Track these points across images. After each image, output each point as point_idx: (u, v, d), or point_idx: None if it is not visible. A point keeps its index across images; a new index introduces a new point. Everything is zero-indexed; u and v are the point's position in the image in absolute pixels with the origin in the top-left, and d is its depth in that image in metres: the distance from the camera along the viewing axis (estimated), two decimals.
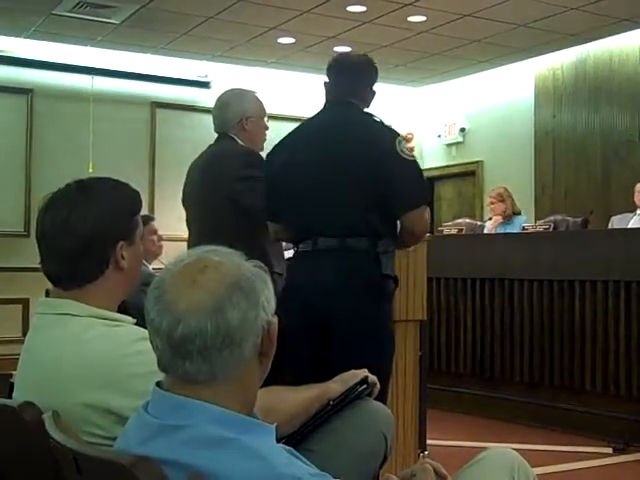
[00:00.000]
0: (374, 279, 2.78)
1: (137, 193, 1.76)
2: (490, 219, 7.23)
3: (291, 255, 3.05)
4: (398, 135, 2.85)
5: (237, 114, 3.39)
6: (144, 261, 3.76)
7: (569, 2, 6.84)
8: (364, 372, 1.94)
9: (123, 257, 1.67)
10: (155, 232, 5.04)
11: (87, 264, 1.64)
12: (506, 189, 7.00)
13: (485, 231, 6.83)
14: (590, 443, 4.66)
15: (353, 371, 1.95)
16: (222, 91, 3.59)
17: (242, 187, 3.20)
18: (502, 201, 6.87)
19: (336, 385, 1.89)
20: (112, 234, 1.66)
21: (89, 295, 1.64)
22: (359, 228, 2.75)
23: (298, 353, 2.75)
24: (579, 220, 6.31)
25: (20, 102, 7.97)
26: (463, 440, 4.70)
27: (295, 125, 3.10)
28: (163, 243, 5.16)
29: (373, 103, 3.06)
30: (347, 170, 2.76)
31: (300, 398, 1.83)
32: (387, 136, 2.83)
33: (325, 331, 2.74)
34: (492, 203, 6.93)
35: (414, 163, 2.85)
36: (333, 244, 2.75)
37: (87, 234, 1.62)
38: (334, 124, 2.89)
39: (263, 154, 3.36)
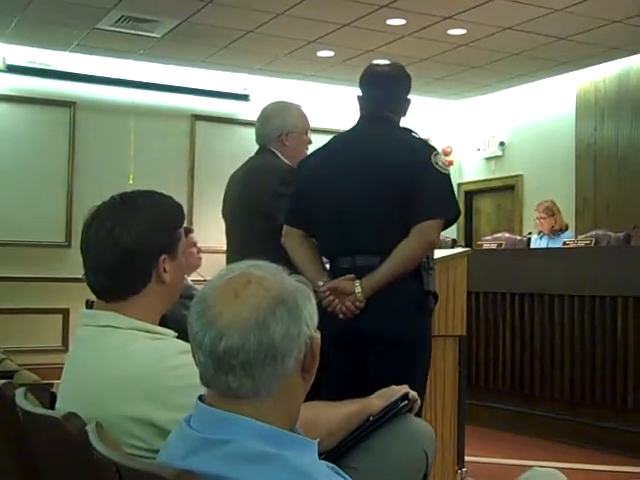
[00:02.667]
0: (416, 296, 2.75)
1: (180, 206, 1.77)
2: (530, 234, 7.15)
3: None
4: (435, 149, 2.81)
5: (278, 129, 3.36)
6: None
7: (611, 15, 6.77)
8: (405, 388, 1.92)
9: (165, 270, 1.67)
10: (194, 244, 5.06)
11: (130, 277, 1.65)
12: (554, 202, 6.88)
13: (533, 245, 6.74)
14: (632, 463, 4.57)
15: (394, 387, 1.94)
16: (261, 104, 3.57)
17: (279, 205, 3.18)
18: (552, 216, 6.77)
19: (377, 400, 1.88)
20: (155, 247, 1.66)
21: (131, 308, 1.65)
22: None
23: (337, 369, 2.74)
24: (621, 235, 6.22)
25: (63, 115, 8.10)
26: (502, 457, 4.64)
27: None
28: (202, 255, 5.18)
29: (413, 115, 3.02)
30: (385, 187, 2.72)
31: (340, 413, 1.82)
32: (424, 151, 2.78)
33: (364, 348, 2.72)
34: (542, 218, 6.79)
35: (446, 177, 2.79)
36: (372, 262, 2.71)
37: (130, 247, 1.63)
38: (371, 140, 2.84)
39: None
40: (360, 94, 2.96)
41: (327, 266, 2.93)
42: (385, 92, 2.91)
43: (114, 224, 1.64)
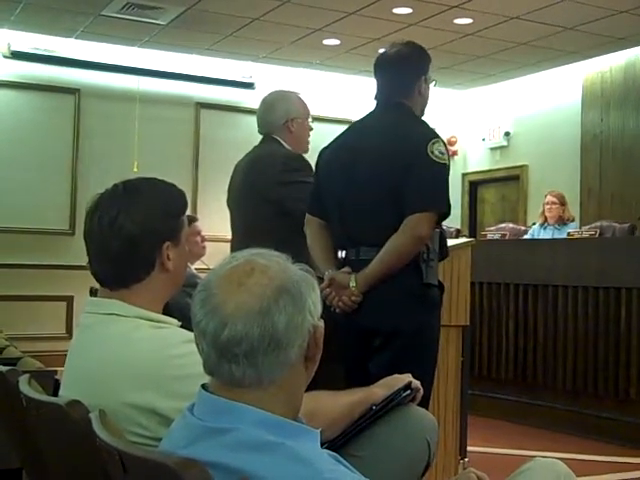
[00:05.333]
0: (414, 289, 2.70)
1: (183, 194, 1.77)
2: (534, 224, 7.14)
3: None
4: (434, 137, 2.68)
5: (282, 116, 3.38)
6: None
7: (618, 5, 6.73)
8: (408, 377, 1.92)
9: (169, 258, 1.67)
10: (199, 233, 5.05)
11: (133, 265, 1.65)
12: (563, 195, 6.96)
13: (535, 235, 6.75)
14: (634, 454, 4.57)
15: (396, 375, 1.94)
16: (266, 92, 3.59)
17: (286, 192, 3.19)
18: (563, 205, 6.84)
19: (379, 390, 1.88)
20: (158, 235, 1.66)
21: (135, 296, 1.65)
22: None
23: (340, 363, 2.74)
24: (626, 226, 6.20)
25: (67, 102, 8.09)
26: (504, 448, 4.64)
27: (339, 127, 3.08)
28: (206, 244, 5.18)
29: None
30: (382, 178, 2.68)
31: (343, 402, 1.82)
32: (421, 139, 2.68)
33: (364, 341, 2.72)
34: (553, 203, 6.82)
35: (441, 167, 2.66)
36: (373, 255, 2.68)
37: (134, 235, 1.63)
38: (379, 130, 2.79)
39: (308, 156, 3.36)
40: (375, 79, 2.90)
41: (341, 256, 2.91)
42: (394, 77, 2.83)
43: (117, 212, 1.63)
